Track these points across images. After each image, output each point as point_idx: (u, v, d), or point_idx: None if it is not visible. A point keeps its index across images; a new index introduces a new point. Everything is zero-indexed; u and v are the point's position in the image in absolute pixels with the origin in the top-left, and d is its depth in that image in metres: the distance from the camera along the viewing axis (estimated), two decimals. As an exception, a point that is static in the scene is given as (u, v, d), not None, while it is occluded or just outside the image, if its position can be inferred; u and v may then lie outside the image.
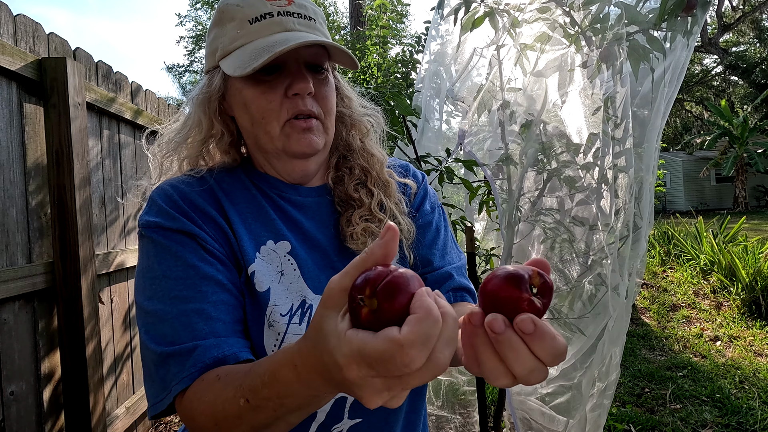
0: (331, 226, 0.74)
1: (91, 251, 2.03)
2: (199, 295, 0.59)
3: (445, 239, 0.81)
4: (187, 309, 0.58)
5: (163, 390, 0.56)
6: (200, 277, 0.60)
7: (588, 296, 1.51)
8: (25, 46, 1.81)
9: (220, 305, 0.60)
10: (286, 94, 0.66)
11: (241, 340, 0.61)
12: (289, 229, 0.71)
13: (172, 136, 0.75)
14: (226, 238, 0.66)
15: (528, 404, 1.59)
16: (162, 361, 0.56)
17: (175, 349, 0.56)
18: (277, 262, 0.67)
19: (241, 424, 0.49)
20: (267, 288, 0.65)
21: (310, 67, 0.68)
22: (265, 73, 0.66)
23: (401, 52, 2.74)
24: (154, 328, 0.58)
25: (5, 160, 1.69)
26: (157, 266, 0.61)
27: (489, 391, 2.86)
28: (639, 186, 1.45)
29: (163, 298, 0.59)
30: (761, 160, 16.42)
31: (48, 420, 1.87)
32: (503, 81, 1.51)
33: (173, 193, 0.66)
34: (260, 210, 0.70)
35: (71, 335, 1.94)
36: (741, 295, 4.67)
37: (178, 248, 0.62)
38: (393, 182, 0.79)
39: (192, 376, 0.55)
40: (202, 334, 0.57)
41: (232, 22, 0.66)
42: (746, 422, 2.67)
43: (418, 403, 0.77)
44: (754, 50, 24.14)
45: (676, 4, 1.29)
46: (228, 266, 0.64)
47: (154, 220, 0.64)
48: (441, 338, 0.35)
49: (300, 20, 0.67)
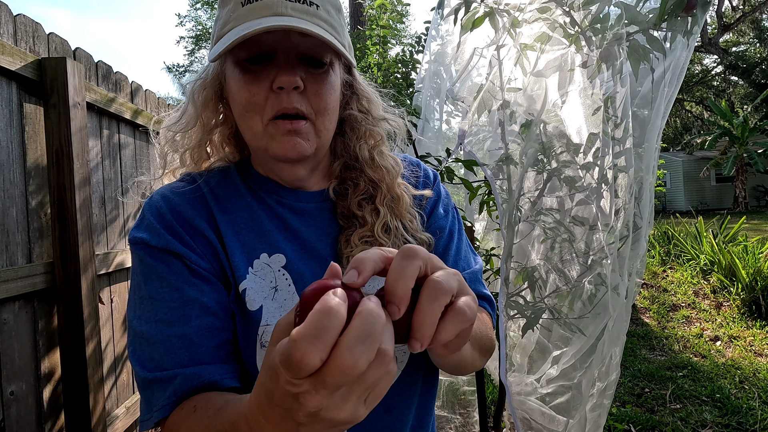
0: (332, 235, 0.69)
1: (91, 251, 2.03)
2: (183, 319, 0.58)
3: (458, 244, 0.76)
4: (171, 334, 0.58)
5: (148, 411, 0.57)
6: (184, 300, 0.59)
7: (588, 296, 1.51)
8: (25, 46, 1.81)
9: (204, 330, 0.59)
10: (272, 88, 0.60)
11: (225, 366, 0.59)
12: (287, 240, 0.67)
13: (171, 125, 0.71)
14: (215, 253, 0.63)
15: (528, 404, 1.59)
16: (146, 385, 0.57)
17: (157, 376, 0.57)
18: (271, 277, 0.64)
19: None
20: (259, 306, 0.62)
21: (306, 60, 0.62)
22: (253, 62, 0.61)
23: (401, 52, 2.74)
24: (141, 350, 0.59)
25: (5, 160, 1.69)
26: (144, 286, 0.61)
27: (489, 391, 2.86)
28: (639, 186, 1.45)
29: (149, 319, 0.59)
30: (761, 160, 16.41)
31: (48, 420, 1.87)
32: (503, 81, 1.51)
33: (162, 205, 0.64)
34: (255, 219, 0.67)
35: (71, 335, 1.94)
36: (741, 295, 4.67)
37: (163, 269, 0.61)
38: (405, 197, 0.71)
39: (172, 405, 0.55)
40: (183, 362, 0.57)
41: (229, 4, 0.62)
42: (746, 422, 2.67)
43: (426, 418, 0.73)
44: (754, 50, 24.14)
45: (676, 4, 1.29)
46: (215, 285, 0.62)
47: (141, 236, 0.62)
48: (348, 333, 0.31)
49: (296, 5, 0.59)
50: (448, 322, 0.37)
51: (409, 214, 0.71)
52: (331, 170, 0.74)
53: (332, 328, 0.31)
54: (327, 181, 0.73)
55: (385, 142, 0.75)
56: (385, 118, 0.76)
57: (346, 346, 0.31)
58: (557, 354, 1.61)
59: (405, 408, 0.68)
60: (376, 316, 0.32)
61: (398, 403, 0.67)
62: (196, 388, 0.56)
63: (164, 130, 0.72)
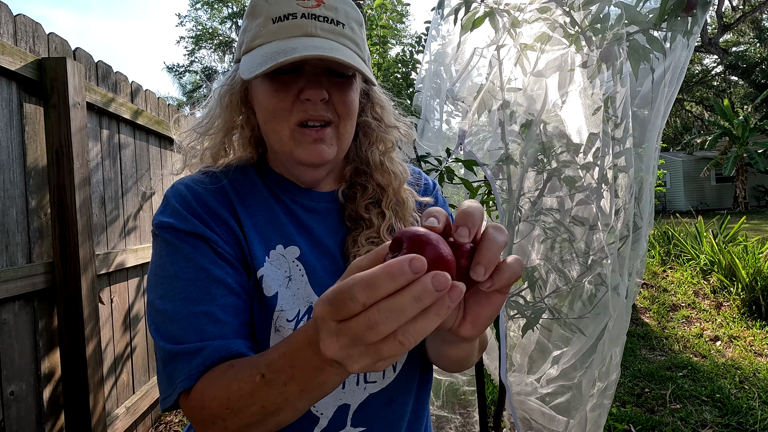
0: (341, 233, 0.73)
1: (91, 251, 2.03)
2: (209, 297, 0.60)
3: None
4: (197, 311, 0.59)
5: (170, 386, 0.57)
6: (210, 279, 0.61)
7: (588, 296, 1.51)
8: (25, 46, 1.81)
9: (229, 308, 0.61)
10: (299, 97, 0.65)
11: (248, 342, 0.61)
12: (300, 234, 0.70)
13: (195, 125, 0.75)
14: (237, 240, 0.66)
15: (528, 404, 1.59)
16: (170, 359, 0.57)
17: (184, 348, 0.57)
18: (286, 267, 0.67)
19: (253, 403, 0.50)
20: (275, 293, 0.65)
21: (331, 72, 0.66)
22: (282, 71, 0.65)
23: (401, 52, 2.74)
24: (164, 327, 0.59)
25: (5, 160, 1.69)
26: (169, 266, 0.62)
27: (489, 391, 2.86)
28: (639, 186, 1.45)
29: (173, 298, 0.60)
30: (761, 160, 16.42)
31: (48, 420, 1.87)
32: (503, 81, 1.51)
33: (187, 194, 0.66)
34: (272, 213, 0.70)
35: (71, 335, 1.94)
36: (741, 295, 4.67)
37: (190, 250, 0.62)
38: (410, 201, 0.76)
39: (198, 374, 0.56)
40: (210, 336, 0.58)
41: (259, 18, 0.65)
42: (746, 422, 2.67)
43: (421, 411, 0.77)
44: (754, 50, 24.13)
45: (676, 4, 1.29)
46: (238, 269, 0.65)
47: (167, 220, 0.64)
48: (391, 300, 0.33)
49: (325, 24, 0.64)
50: (505, 269, 0.41)
51: (411, 217, 0.76)
52: (342, 173, 0.78)
53: (385, 289, 0.33)
54: (337, 183, 0.77)
55: (395, 148, 0.79)
56: (397, 126, 0.80)
57: (379, 308, 0.34)
58: (557, 354, 1.61)
59: (404, 401, 0.72)
60: (419, 298, 0.33)
61: (398, 396, 0.71)
62: (225, 358, 0.57)
63: (189, 129, 0.76)
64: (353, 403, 0.67)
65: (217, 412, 0.52)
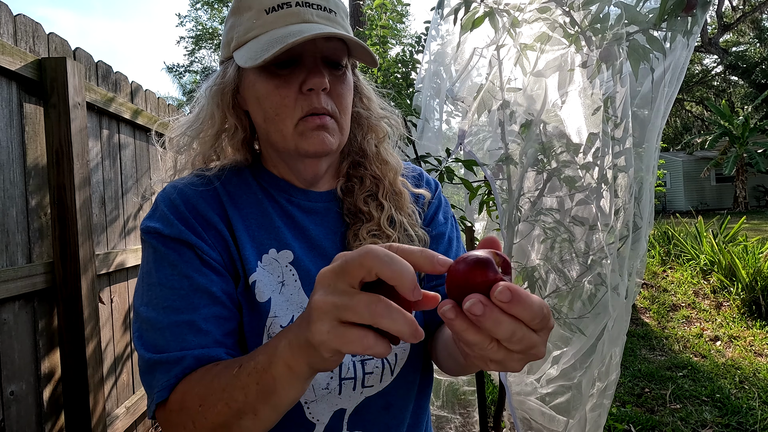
0: (339, 233, 0.72)
1: (91, 251, 2.03)
2: (191, 306, 0.59)
3: (457, 250, 0.80)
4: (179, 320, 0.58)
5: (149, 396, 0.57)
6: (194, 288, 0.60)
7: (588, 296, 1.51)
8: (25, 46, 1.81)
9: (211, 318, 0.60)
10: (301, 90, 0.63)
11: (231, 351, 0.60)
12: (295, 237, 0.69)
13: (184, 129, 0.73)
14: (225, 245, 0.65)
15: (528, 404, 1.59)
16: (150, 367, 0.57)
17: (163, 357, 0.56)
18: (279, 272, 0.66)
19: (221, 398, 0.49)
20: (268, 298, 0.64)
21: (327, 63, 0.65)
22: (280, 66, 0.63)
23: (401, 52, 2.74)
24: (147, 335, 0.59)
25: (5, 160, 1.69)
26: (154, 273, 0.61)
27: (489, 391, 2.86)
28: (639, 186, 1.45)
29: (156, 306, 0.59)
30: (762, 160, 16.41)
31: (48, 420, 1.87)
32: (503, 81, 1.51)
33: (177, 197, 0.65)
34: (265, 216, 0.69)
35: (71, 335, 1.94)
36: (741, 295, 4.67)
37: (175, 257, 0.61)
38: (406, 192, 0.76)
39: (172, 386, 0.55)
40: (190, 346, 0.57)
41: (249, 11, 0.64)
42: (746, 422, 2.67)
43: (422, 416, 0.75)
44: (754, 50, 24.13)
45: (676, 4, 1.29)
46: (224, 276, 0.63)
47: (154, 225, 0.63)
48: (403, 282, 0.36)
49: (319, 12, 0.64)
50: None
51: (409, 210, 0.75)
52: (339, 169, 0.78)
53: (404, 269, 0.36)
54: (335, 180, 0.77)
55: (388, 138, 0.79)
56: (385, 117, 0.80)
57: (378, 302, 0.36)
58: (557, 354, 1.61)
59: (402, 406, 0.71)
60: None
61: (396, 400, 0.70)
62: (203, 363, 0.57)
63: (179, 131, 0.74)
64: (349, 407, 0.66)
65: (191, 410, 0.52)
